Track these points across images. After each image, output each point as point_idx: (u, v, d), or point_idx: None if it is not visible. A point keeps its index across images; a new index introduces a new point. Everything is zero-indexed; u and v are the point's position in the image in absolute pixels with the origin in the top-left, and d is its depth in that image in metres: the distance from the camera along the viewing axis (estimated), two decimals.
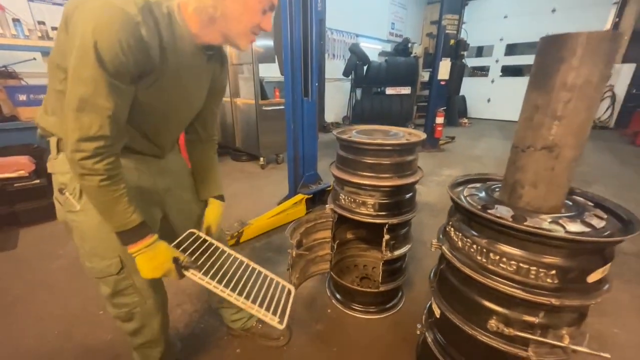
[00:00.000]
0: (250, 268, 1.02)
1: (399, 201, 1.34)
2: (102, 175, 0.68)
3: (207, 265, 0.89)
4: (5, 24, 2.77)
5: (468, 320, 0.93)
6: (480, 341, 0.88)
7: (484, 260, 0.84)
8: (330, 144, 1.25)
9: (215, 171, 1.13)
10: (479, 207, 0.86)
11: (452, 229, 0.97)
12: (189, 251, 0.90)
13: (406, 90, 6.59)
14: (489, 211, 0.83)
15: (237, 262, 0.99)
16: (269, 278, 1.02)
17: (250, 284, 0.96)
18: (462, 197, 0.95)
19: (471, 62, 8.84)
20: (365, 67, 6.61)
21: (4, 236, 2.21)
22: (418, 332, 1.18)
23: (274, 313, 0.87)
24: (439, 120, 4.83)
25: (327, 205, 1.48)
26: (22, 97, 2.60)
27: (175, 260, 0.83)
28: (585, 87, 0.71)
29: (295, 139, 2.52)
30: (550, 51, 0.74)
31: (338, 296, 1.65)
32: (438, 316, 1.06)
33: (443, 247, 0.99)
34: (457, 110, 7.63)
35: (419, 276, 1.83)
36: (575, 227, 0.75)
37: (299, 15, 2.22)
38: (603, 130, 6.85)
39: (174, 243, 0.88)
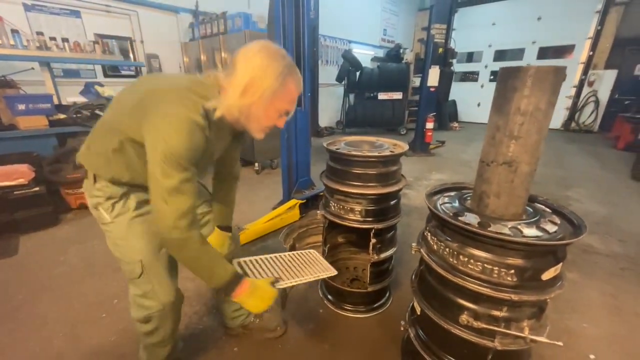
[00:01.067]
0: (283, 255, 1.29)
1: (384, 208, 1.45)
2: (197, 240, 0.85)
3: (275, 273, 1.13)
4: (4, 35, 2.83)
5: (443, 316, 1.03)
6: (454, 334, 0.99)
7: (455, 261, 0.95)
8: (324, 149, 1.37)
9: (229, 207, 1.32)
10: (451, 214, 0.97)
11: (429, 234, 1.08)
12: (257, 273, 1.12)
13: (398, 95, 6.77)
14: (459, 218, 0.94)
15: (277, 259, 1.24)
16: (300, 254, 1.32)
17: (295, 267, 1.21)
18: (437, 205, 1.06)
19: (461, 67, 9.08)
20: (357, 73, 6.76)
21: (4, 243, 2.26)
22: (402, 329, 1.29)
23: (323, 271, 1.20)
24: (429, 125, 4.97)
25: (318, 212, 1.58)
26: (21, 107, 2.65)
27: (272, 284, 1.02)
28: (536, 112, 0.82)
29: (289, 147, 2.62)
30: (507, 80, 0.85)
31: (330, 297, 1.74)
32: (419, 313, 1.17)
33: (422, 250, 1.09)
34: (447, 115, 7.82)
35: (407, 277, 1.92)
36: (531, 231, 0.86)
37: (291, 28, 2.33)
38: (587, 134, 7.10)
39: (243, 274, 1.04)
